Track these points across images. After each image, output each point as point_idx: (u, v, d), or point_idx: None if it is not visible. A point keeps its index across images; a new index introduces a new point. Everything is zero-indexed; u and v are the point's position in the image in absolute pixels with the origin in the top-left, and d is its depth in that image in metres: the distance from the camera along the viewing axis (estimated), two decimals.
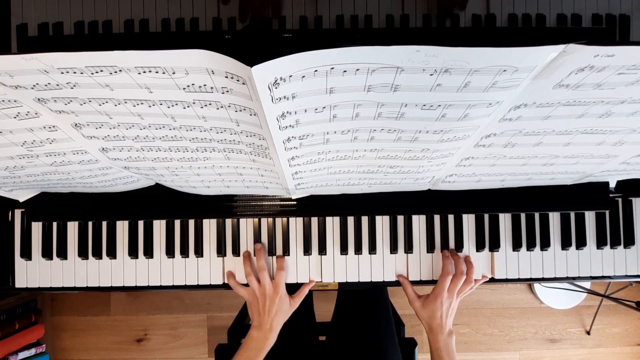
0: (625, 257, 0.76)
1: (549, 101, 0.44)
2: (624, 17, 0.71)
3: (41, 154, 0.54)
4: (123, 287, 0.75)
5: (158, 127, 0.48)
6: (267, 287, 0.72)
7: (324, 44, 0.34)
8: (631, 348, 1.63)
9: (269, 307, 0.72)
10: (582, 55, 0.36)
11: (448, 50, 0.35)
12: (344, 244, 0.75)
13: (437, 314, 0.71)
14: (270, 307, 0.72)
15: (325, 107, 0.43)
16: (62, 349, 1.59)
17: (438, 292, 0.71)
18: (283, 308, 0.73)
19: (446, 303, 0.71)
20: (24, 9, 0.70)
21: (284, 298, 0.73)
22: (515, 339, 1.63)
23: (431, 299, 0.72)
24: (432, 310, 0.71)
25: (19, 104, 0.45)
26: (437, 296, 0.71)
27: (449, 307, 0.71)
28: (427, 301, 0.73)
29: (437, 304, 0.71)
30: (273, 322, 0.71)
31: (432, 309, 0.71)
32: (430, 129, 0.48)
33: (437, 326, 0.71)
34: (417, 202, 0.73)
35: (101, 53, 0.36)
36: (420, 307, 0.73)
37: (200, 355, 1.59)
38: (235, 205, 0.72)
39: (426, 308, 0.72)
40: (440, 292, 0.71)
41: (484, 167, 0.61)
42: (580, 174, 0.65)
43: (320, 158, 0.55)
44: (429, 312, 0.72)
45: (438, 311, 0.71)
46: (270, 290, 0.72)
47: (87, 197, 0.71)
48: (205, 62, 0.37)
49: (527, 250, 0.76)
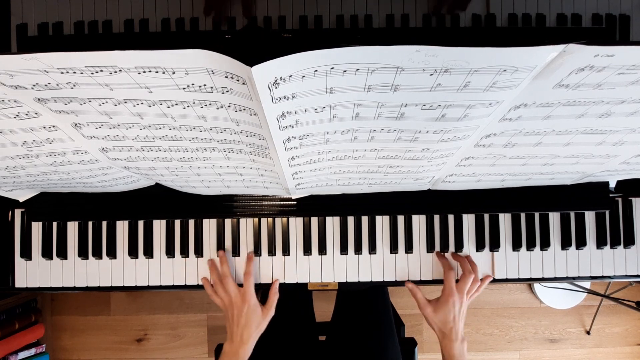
0: (625, 257, 0.76)
1: (549, 101, 0.44)
2: (624, 17, 0.71)
3: (41, 154, 0.54)
4: (123, 287, 0.75)
5: (158, 127, 0.48)
6: (233, 295, 0.69)
7: (324, 44, 0.34)
8: (631, 348, 1.63)
9: (237, 317, 0.68)
10: (582, 55, 0.36)
11: (448, 50, 0.35)
12: (344, 244, 0.75)
13: (449, 316, 0.68)
14: (238, 318, 0.68)
15: (325, 107, 0.43)
16: (62, 348, 1.59)
17: (448, 292, 0.69)
18: (253, 319, 0.68)
19: (457, 304, 0.68)
20: (24, 9, 0.70)
21: (254, 308, 0.69)
22: (515, 338, 1.63)
23: (442, 301, 0.70)
24: (445, 314, 0.69)
25: (19, 104, 0.45)
26: (448, 296, 0.69)
27: (460, 308, 0.69)
28: (439, 304, 0.70)
29: (449, 306, 0.68)
30: (243, 335, 0.67)
31: (445, 312, 0.69)
32: (430, 129, 0.48)
33: (449, 331, 0.68)
34: (417, 202, 0.73)
35: (101, 53, 0.36)
36: (432, 312, 0.70)
37: (200, 355, 1.59)
38: (235, 205, 0.72)
39: (438, 312, 0.69)
40: (451, 291, 0.69)
41: (484, 167, 0.61)
42: (580, 174, 0.65)
43: (320, 158, 0.55)
44: (442, 317, 0.69)
45: (450, 313, 0.68)
46: (237, 298, 0.69)
47: (87, 197, 0.71)
48: (205, 62, 0.37)
49: (527, 250, 0.76)
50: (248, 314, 0.68)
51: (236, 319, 0.68)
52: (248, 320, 0.68)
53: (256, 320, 0.69)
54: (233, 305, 0.69)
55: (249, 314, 0.68)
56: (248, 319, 0.68)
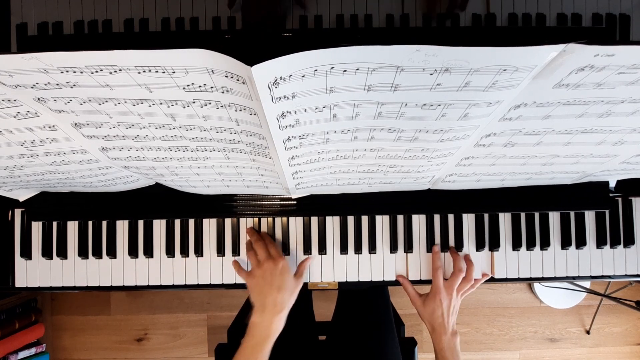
0: (625, 257, 0.76)
1: (549, 101, 0.44)
2: (624, 16, 0.71)
3: (41, 153, 0.54)
4: (123, 286, 0.75)
5: (158, 126, 0.48)
6: (264, 256, 0.65)
7: (324, 44, 0.34)
8: (631, 347, 1.64)
9: (271, 279, 0.61)
10: (582, 55, 0.36)
11: (448, 50, 0.35)
12: (343, 243, 0.75)
13: (437, 312, 0.70)
14: (272, 279, 0.61)
15: (325, 106, 0.43)
16: (62, 348, 1.59)
17: (435, 289, 0.71)
18: (288, 280, 0.62)
19: (445, 301, 0.70)
20: (24, 9, 0.70)
21: (289, 269, 0.64)
22: (515, 338, 1.63)
23: (430, 297, 0.72)
24: (433, 309, 0.71)
25: (18, 104, 0.45)
26: (435, 293, 0.71)
27: (449, 305, 0.71)
28: (427, 299, 0.72)
29: (436, 302, 0.70)
30: (277, 299, 0.60)
31: (433, 308, 0.71)
32: (430, 129, 0.48)
33: (439, 326, 0.70)
34: (417, 202, 0.73)
35: (101, 52, 0.36)
36: (421, 305, 0.73)
37: (200, 355, 1.59)
38: (235, 205, 0.72)
39: (427, 307, 0.72)
40: (437, 289, 0.71)
41: (483, 167, 0.61)
42: (580, 173, 0.65)
43: (320, 157, 0.55)
44: (430, 311, 0.71)
45: (438, 309, 0.70)
46: (269, 258, 0.64)
47: (87, 196, 0.71)
48: (205, 61, 0.37)
49: (527, 250, 0.76)
50: (283, 273, 0.62)
51: (270, 278, 0.61)
52: (283, 280, 0.61)
53: (291, 284, 0.63)
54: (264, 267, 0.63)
55: (284, 273, 0.63)
56: (283, 280, 0.62)
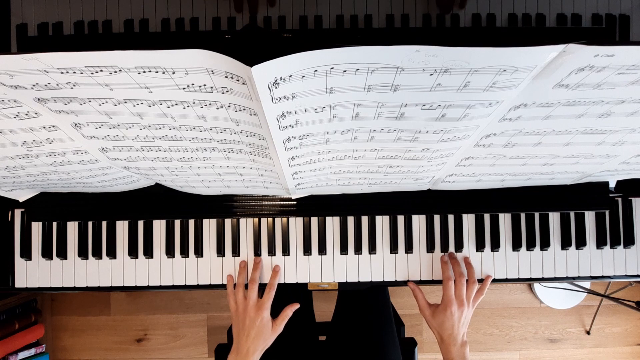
0: (625, 257, 0.76)
1: (548, 101, 0.44)
2: (624, 17, 0.71)
3: (41, 154, 0.54)
4: (123, 287, 0.75)
5: (158, 127, 0.48)
6: (252, 303, 0.68)
7: (324, 44, 0.34)
8: (631, 348, 1.63)
9: (249, 328, 0.66)
10: (582, 55, 0.36)
11: (448, 50, 0.35)
12: (343, 244, 0.75)
13: (446, 324, 0.69)
14: (249, 329, 0.66)
15: (325, 107, 0.43)
16: (62, 349, 1.59)
17: (447, 302, 0.69)
18: (263, 333, 0.66)
19: (457, 313, 0.68)
20: (24, 9, 0.70)
21: (266, 322, 0.67)
22: (515, 338, 1.63)
23: (441, 309, 0.70)
24: (443, 321, 0.69)
25: (18, 104, 0.45)
26: (446, 306, 0.69)
27: (461, 316, 0.69)
28: (438, 310, 0.71)
29: (447, 314, 0.69)
30: (250, 348, 0.65)
31: (443, 319, 0.69)
32: (430, 129, 0.48)
33: (448, 337, 0.68)
34: (417, 202, 0.73)
35: (101, 53, 0.36)
36: (430, 316, 0.71)
37: (200, 355, 1.59)
38: (235, 205, 0.72)
39: (436, 318, 0.70)
40: (449, 301, 0.69)
41: (483, 167, 0.61)
42: (580, 173, 0.65)
43: (320, 158, 0.55)
44: (440, 322, 0.70)
45: (448, 321, 0.68)
46: (254, 308, 0.67)
47: (87, 197, 0.71)
48: (205, 62, 0.37)
49: (527, 250, 0.76)
50: (260, 327, 0.66)
51: (247, 329, 0.66)
52: (259, 333, 0.66)
53: (266, 335, 0.67)
54: (247, 314, 0.67)
55: (261, 327, 0.66)
56: (259, 332, 0.66)
